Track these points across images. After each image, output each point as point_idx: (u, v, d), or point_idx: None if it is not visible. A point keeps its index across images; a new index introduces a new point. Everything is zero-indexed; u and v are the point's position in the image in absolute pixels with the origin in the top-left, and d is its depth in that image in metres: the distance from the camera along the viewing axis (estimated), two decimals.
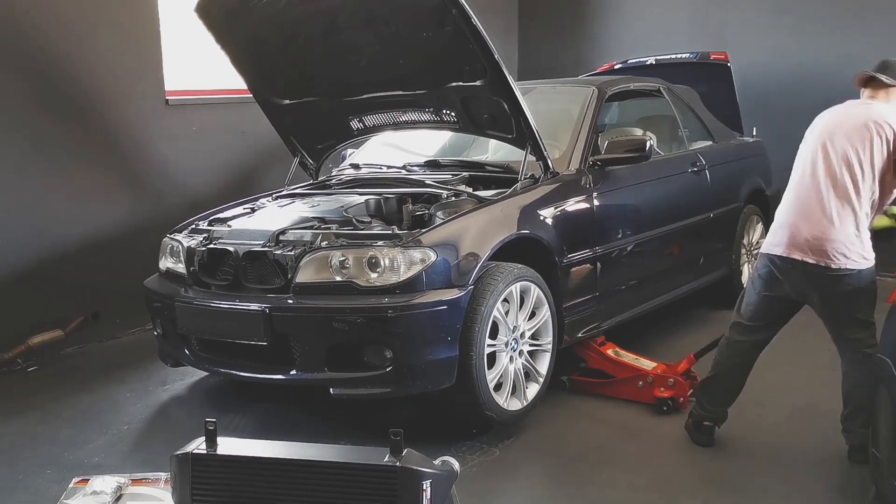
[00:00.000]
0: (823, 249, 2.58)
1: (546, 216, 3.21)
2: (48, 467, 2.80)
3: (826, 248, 2.58)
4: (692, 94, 4.69)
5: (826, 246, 2.58)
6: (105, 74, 4.23)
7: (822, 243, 2.58)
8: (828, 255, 2.58)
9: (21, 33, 3.91)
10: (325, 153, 4.13)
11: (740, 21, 5.67)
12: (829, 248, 2.58)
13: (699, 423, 2.88)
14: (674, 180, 4.07)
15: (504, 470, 2.74)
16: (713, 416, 2.86)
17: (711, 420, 2.86)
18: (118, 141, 4.35)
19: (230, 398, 3.47)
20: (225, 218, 3.44)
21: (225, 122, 4.78)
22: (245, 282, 2.96)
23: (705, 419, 2.87)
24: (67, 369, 3.88)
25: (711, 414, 2.86)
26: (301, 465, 1.99)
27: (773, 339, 2.86)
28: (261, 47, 3.64)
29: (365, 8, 3.23)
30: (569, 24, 6.60)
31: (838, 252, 2.57)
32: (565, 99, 3.97)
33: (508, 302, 2.94)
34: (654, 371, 3.23)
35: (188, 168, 4.63)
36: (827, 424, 2.87)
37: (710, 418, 2.86)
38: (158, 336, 3.36)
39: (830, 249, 2.58)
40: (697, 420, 2.88)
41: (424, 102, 3.55)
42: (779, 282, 2.70)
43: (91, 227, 4.25)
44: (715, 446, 2.84)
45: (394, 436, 1.95)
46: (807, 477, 2.66)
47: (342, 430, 3.03)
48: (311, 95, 3.81)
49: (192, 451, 2.03)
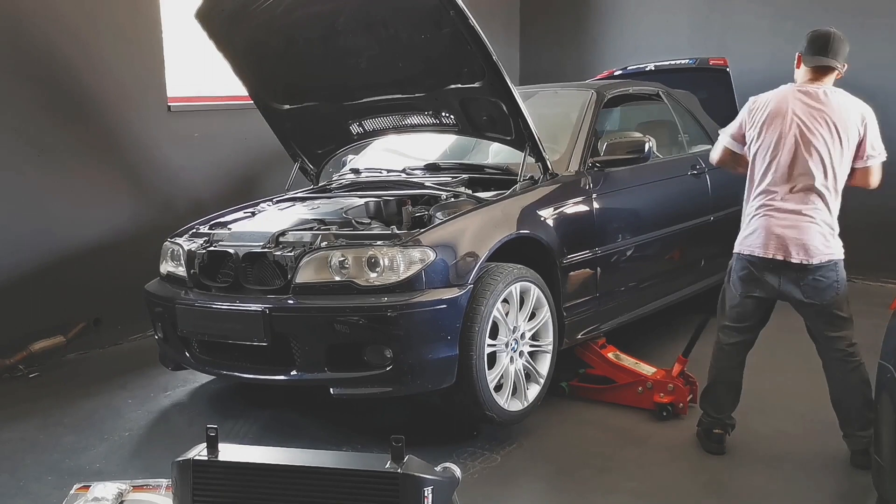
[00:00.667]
0: (803, 245, 2.58)
1: (545, 216, 3.21)
2: (49, 473, 2.80)
3: (806, 244, 2.58)
4: (691, 99, 4.70)
5: (806, 241, 2.58)
6: (108, 81, 4.25)
7: (801, 239, 2.58)
8: (808, 251, 2.58)
9: (25, 39, 3.93)
10: (325, 158, 4.15)
11: (741, 27, 5.68)
12: (809, 244, 2.58)
13: (709, 431, 2.86)
14: (674, 183, 4.08)
15: (505, 476, 2.72)
16: (721, 423, 2.85)
17: (720, 427, 2.85)
18: (120, 147, 4.37)
19: (232, 404, 3.47)
20: (225, 222, 3.45)
21: (226, 129, 4.80)
22: (245, 283, 2.96)
23: (714, 427, 2.85)
24: (69, 375, 3.88)
25: (719, 421, 2.85)
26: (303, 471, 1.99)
27: (765, 339, 2.86)
28: (260, 52, 3.66)
29: (363, 11, 3.25)
30: (570, 31, 6.62)
31: (817, 246, 2.58)
32: (565, 102, 3.99)
33: (508, 303, 2.94)
34: (653, 377, 3.23)
35: (190, 174, 4.64)
36: (829, 430, 2.86)
37: (718, 425, 2.85)
38: (159, 340, 3.37)
39: (810, 245, 2.58)
40: (707, 429, 2.87)
41: (423, 105, 3.56)
42: (759, 282, 2.70)
43: (93, 232, 4.26)
44: (719, 454, 2.83)
45: (395, 442, 1.95)
46: (809, 483, 2.64)
47: (344, 436, 3.02)
48: (310, 100, 3.83)
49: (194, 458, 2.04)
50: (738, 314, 2.78)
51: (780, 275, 2.65)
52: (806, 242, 2.58)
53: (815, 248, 2.59)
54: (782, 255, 2.61)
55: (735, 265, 2.78)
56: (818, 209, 2.60)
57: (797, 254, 2.59)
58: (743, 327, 2.80)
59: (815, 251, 2.58)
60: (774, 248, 2.62)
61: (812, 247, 2.58)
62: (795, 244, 2.59)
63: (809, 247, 2.58)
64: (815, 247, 2.58)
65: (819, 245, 2.59)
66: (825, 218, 2.61)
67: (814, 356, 2.73)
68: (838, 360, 2.69)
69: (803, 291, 2.64)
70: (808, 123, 2.60)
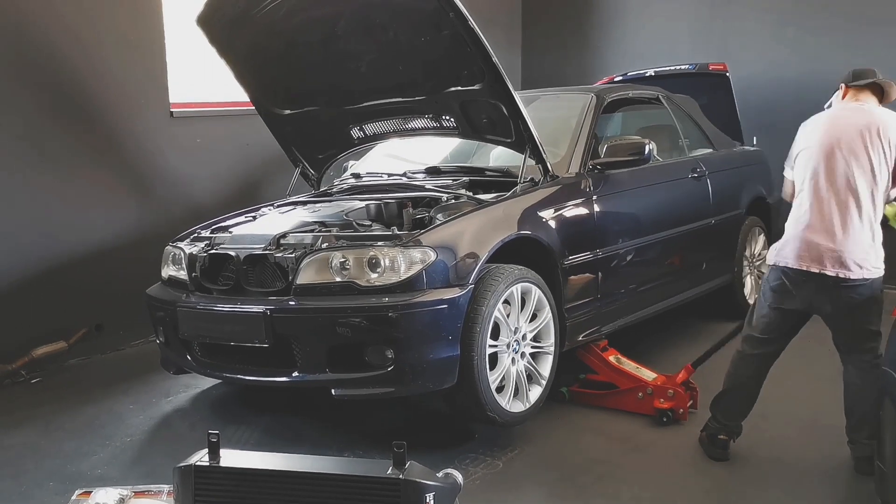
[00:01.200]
0: (841, 260, 2.54)
1: (546, 218, 3.22)
2: (51, 479, 2.79)
3: (843, 259, 2.54)
4: (692, 103, 4.70)
5: (843, 257, 2.54)
6: (111, 86, 4.27)
7: (839, 254, 2.54)
8: (845, 266, 2.53)
9: (28, 45, 3.96)
10: (326, 163, 4.16)
11: (743, 33, 5.70)
12: (847, 259, 2.53)
13: (714, 436, 2.85)
14: (674, 185, 4.09)
15: (507, 482, 2.71)
16: (728, 430, 2.83)
17: (726, 434, 2.83)
18: (123, 153, 4.38)
19: (233, 410, 3.46)
20: (227, 226, 3.46)
21: (229, 134, 4.81)
22: (246, 285, 2.96)
23: (720, 433, 2.84)
24: (71, 381, 3.88)
25: (726, 427, 2.83)
26: (304, 477, 1.99)
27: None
28: (261, 57, 3.68)
29: (363, 15, 3.26)
30: (572, 37, 6.64)
31: (855, 262, 2.53)
32: (565, 106, 4.00)
33: (510, 304, 2.94)
34: (654, 382, 3.22)
35: (192, 179, 4.66)
36: (832, 437, 2.85)
37: (725, 432, 2.83)
38: (161, 344, 3.37)
39: (848, 260, 2.53)
40: (712, 434, 2.85)
41: (424, 109, 3.57)
42: (791, 294, 2.66)
43: (95, 238, 4.26)
44: (720, 461, 2.81)
45: (397, 448, 1.95)
46: (813, 490, 2.63)
47: (346, 442, 3.02)
48: (311, 105, 3.84)
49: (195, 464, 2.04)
50: (765, 325, 2.75)
51: (813, 287, 2.61)
52: (843, 256, 2.54)
53: (854, 262, 2.54)
54: (817, 267, 2.57)
55: (769, 276, 2.75)
56: (857, 221, 2.56)
57: (832, 266, 2.55)
58: (767, 339, 2.76)
59: (852, 266, 2.54)
60: (809, 260, 2.58)
61: (850, 261, 2.54)
62: (831, 257, 2.55)
63: (847, 261, 2.54)
64: (853, 261, 2.54)
65: (858, 259, 2.54)
66: (864, 231, 2.56)
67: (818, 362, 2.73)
68: (860, 370, 2.66)
69: (837, 306, 2.60)
70: (849, 136, 2.58)
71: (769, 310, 2.73)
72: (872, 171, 2.57)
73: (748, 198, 4.62)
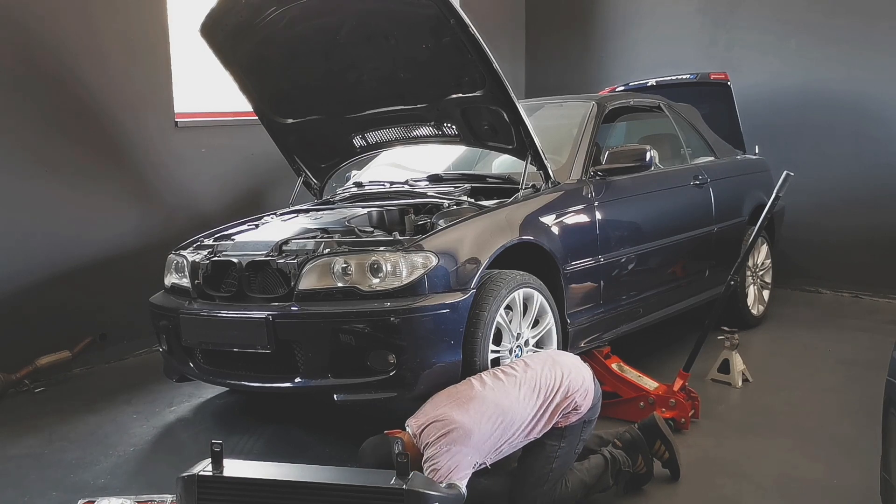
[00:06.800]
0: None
1: (548, 223, 3.22)
2: (54, 489, 2.79)
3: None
4: (693, 112, 4.72)
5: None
6: (116, 96, 4.29)
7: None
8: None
9: (33, 54, 3.99)
10: (328, 172, 4.18)
11: (746, 45, 5.72)
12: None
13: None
14: (676, 192, 4.09)
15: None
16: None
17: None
18: (128, 162, 4.40)
19: (236, 420, 3.45)
20: (230, 234, 3.47)
21: (233, 144, 4.83)
22: (249, 292, 2.96)
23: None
24: (74, 390, 3.88)
25: None
26: (308, 487, 1.99)
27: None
28: (264, 66, 3.70)
29: (365, 23, 3.27)
30: (575, 48, 6.66)
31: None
32: (567, 114, 4.01)
33: (512, 309, 2.94)
34: (655, 391, 3.21)
35: (196, 189, 4.68)
36: (836, 446, 2.84)
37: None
38: (163, 352, 3.37)
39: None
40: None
41: (426, 116, 3.59)
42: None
43: (99, 248, 4.28)
44: (724, 472, 2.78)
45: (400, 458, 1.95)
46: (816, 500, 2.60)
47: (349, 452, 2.99)
48: (313, 114, 3.86)
49: (198, 473, 2.04)
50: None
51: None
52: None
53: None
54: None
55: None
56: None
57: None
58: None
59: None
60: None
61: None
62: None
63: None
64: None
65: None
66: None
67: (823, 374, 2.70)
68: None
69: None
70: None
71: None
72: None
73: (750, 206, 4.62)
